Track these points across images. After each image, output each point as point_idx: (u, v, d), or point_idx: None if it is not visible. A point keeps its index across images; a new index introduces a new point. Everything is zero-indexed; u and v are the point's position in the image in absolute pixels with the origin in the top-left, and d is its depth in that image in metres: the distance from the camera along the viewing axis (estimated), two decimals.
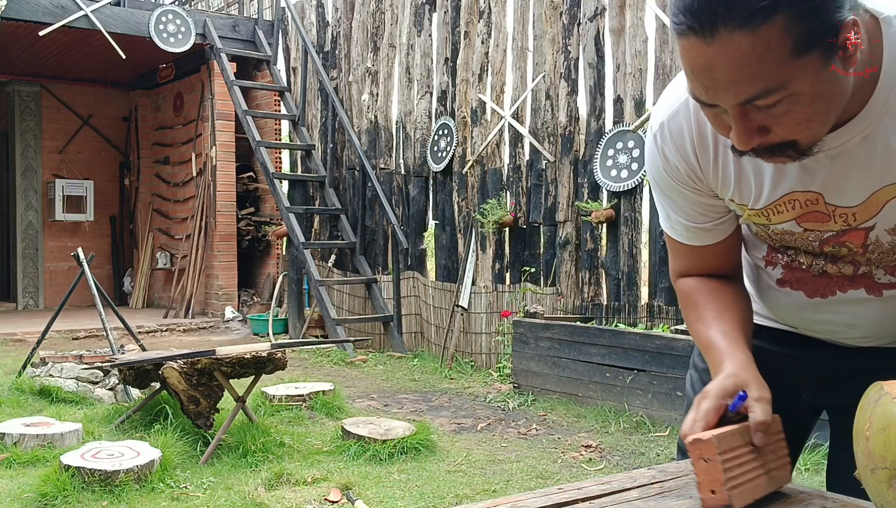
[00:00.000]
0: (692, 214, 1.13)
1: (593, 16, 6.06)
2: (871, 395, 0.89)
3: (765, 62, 0.83)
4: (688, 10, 0.84)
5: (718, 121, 0.93)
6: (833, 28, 0.84)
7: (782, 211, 1.07)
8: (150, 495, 3.28)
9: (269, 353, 3.99)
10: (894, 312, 1.12)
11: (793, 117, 0.88)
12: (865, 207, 1.02)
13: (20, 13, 7.94)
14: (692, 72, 0.88)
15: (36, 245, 10.72)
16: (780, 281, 1.18)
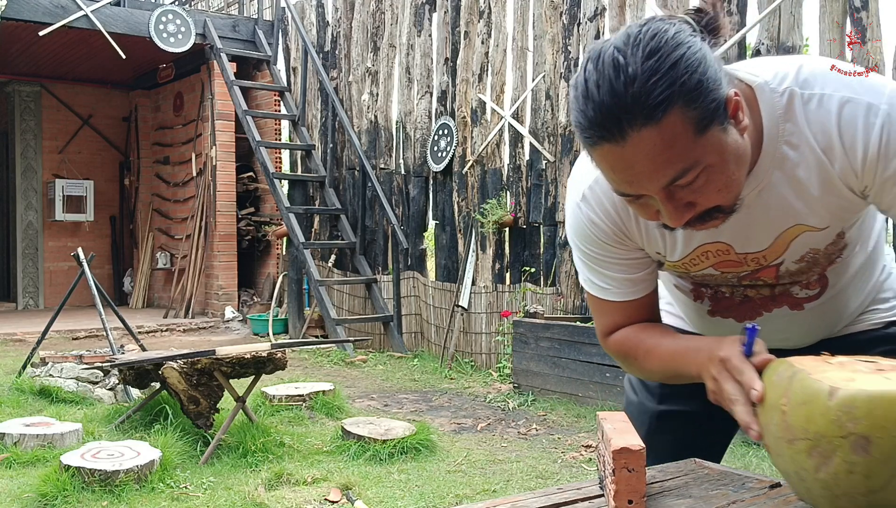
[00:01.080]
0: (622, 267, 1.21)
1: (593, 16, 6.07)
2: (782, 371, 0.96)
3: (675, 147, 0.93)
4: (594, 124, 0.94)
5: (646, 209, 1.03)
6: (720, 104, 0.95)
7: (698, 263, 1.19)
8: (150, 495, 3.28)
9: (269, 353, 3.99)
10: (818, 320, 1.25)
11: (712, 187, 0.98)
12: (773, 249, 1.14)
13: (20, 13, 7.94)
14: (614, 173, 0.98)
15: (36, 245, 10.72)
16: (710, 312, 1.29)
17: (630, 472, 0.95)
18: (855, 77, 1.05)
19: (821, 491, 0.91)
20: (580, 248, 1.23)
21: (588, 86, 0.94)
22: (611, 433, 1.02)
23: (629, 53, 0.92)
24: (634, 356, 1.24)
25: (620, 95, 0.91)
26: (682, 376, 1.17)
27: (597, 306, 1.28)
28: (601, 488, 1.09)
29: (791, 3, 5.01)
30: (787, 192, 1.08)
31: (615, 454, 0.95)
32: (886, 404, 0.85)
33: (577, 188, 1.19)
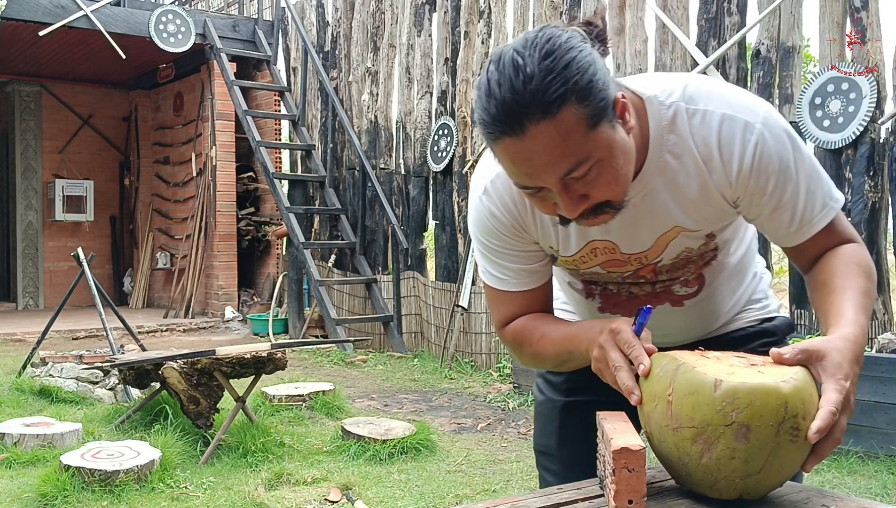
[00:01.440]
0: (519, 259, 1.29)
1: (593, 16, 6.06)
2: (666, 364, 1.02)
3: (569, 140, 1.01)
4: (496, 120, 1.02)
5: (544, 203, 1.11)
6: (609, 104, 1.04)
7: (587, 260, 1.29)
8: (150, 495, 3.28)
9: (269, 353, 3.99)
10: (697, 316, 1.37)
11: (603, 180, 1.06)
12: (654, 249, 1.25)
13: (20, 13, 7.94)
14: (514, 166, 1.06)
15: (36, 245, 10.72)
16: (600, 309, 1.39)
17: (630, 472, 0.95)
18: (735, 95, 1.14)
19: (702, 476, 0.98)
20: (480, 240, 1.29)
21: (490, 85, 1.02)
22: (611, 432, 1.02)
23: (527, 55, 1.01)
24: (529, 341, 1.31)
25: (520, 92, 0.99)
26: (574, 355, 1.22)
27: (494, 297, 1.34)
28: (601, 488, 1.09)
29: (791, 3, 5.01)
30: (667, 197, 1.18)
31: (615, 454, 0.96)
32: (764, 395, 0.94)
33: (480, 182, 1.26)
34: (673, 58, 5.59)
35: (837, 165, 4.71)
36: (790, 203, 1.16)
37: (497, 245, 1.28)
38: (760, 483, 0.99)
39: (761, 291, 1.46)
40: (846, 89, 4.61)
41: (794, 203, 1.16)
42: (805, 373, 0.99)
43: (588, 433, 1.29)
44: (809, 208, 1.17)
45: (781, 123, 1.15)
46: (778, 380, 0.96)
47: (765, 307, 1.46)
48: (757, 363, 1.02)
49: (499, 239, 1.27)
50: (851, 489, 3.28)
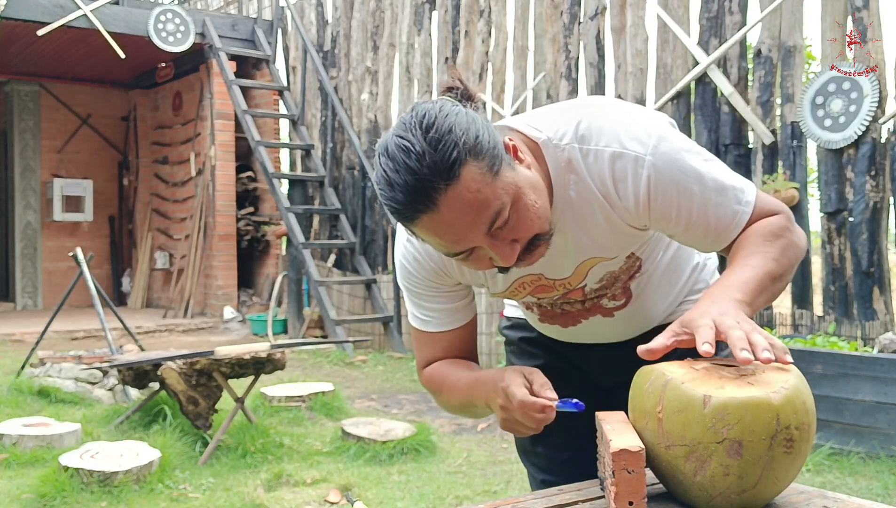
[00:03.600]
0: (442, 299, 1.34)
1: (594, 15, 6.05)
2: (654, 380, 1.02)
3: (481, 194, 1.05)
4: (406, 204, 1.05)
5: (479, 261, 1.13)
6: (500, 149, 1.09)
7: (517, 292, 1.35)
8: (149, 496, 3.27)
9: (269, 353, 3.98)
10: (627, 323, 1.43)
11: (524, 219, 1.10)
12: (575, 276, 1.31)
13: (19, 12, 7.93)
14: (439, 238, 1.09)
15: (34, 245, 10.70)
16: (540, 319, 1.46)
17: (630, 473, 0.95)
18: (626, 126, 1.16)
19: (698, 493, 0.98)
20: (405, 284, 1.34)
21: (388, 175, 1.05)
22: (610, 433, 1.01)
23: (410, 136, 1.05)
24: (440, 390, 1.36)
25: (417, 170, 1.03)
26: (475, 407, 1.29)
27: (419, 339, 1.40)
28: (602, 489, 1.08)
29: (792, 3, 5.00)
30: (578, 231, 1.23)
31: (614, 455, 0.95)
32: (755, 409, 0.93)
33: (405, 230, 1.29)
34: (674, 57, 5.58)
35: (839, 165, 4.70)
36: (701, 220, 1.18)
37: (421, 288, 1.33)
38: (757, 497, 0.98)
39: (703, 280, 1.47)
40: (847, 89, 4.60)
41: (704, 220, 1.18)
42: (797, 380, 0.98)
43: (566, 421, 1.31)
44: (721, 219, 1.19)
45: (674, 146, 1.16)
46: (768, 392, 0.94)
47: None
48: (747, 373, 1.01)
49: (422, 282, 1.32)
50: (853, 489, 3.27)
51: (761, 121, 5.11)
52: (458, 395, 1.32)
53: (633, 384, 1.07)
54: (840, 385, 3.72)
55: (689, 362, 1.07)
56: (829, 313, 4.74)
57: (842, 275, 4.70)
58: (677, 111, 5.56)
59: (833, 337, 4.44)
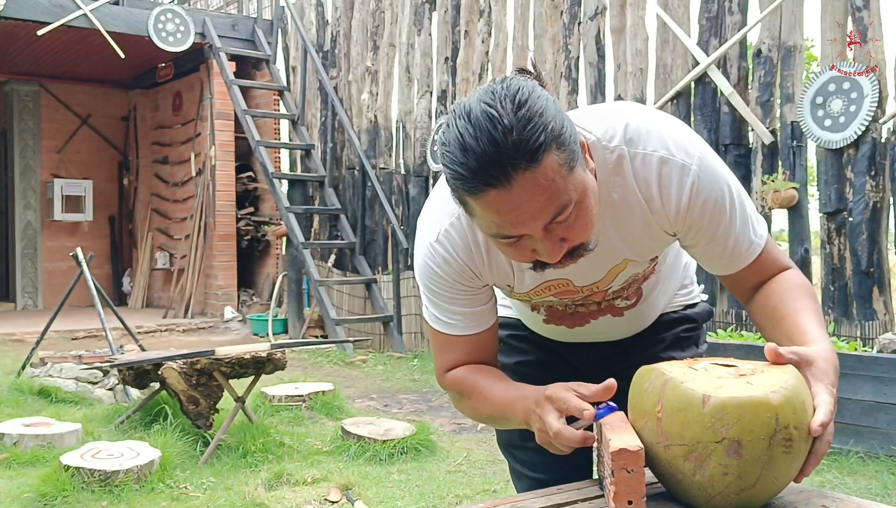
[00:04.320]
0: (467, 302, 1.31)
1: (594, 15, 6.06)
2: (653, 379, 1.02)
3: (554, 185, 1.03)
4: (478, 173, 1.02)
5: (522, 251, 1.12)
6: (578, 149, 1.08)
7: (541, 294, 1.34)
8: (150, 495, 3.27)
9: (269, 353, 3.99)
10: (633, 321, 1.46)
11: (581, 222, 1.09)
12: (604, 280, 1.32)
13: (19, 12, 7.93)
14: (499, 217, 1.06)
15: (35, 245, 10.70)
16: (545, 320, 1.45)
17: (629, 473, 0.95)
18: (672, 135, 1.19)
19: (697, 492, 0.98)
20: (429, 286, 1.30)
21: (465, 140, 1.02)
22: (609, 433, 1.01)
23: (499, 107, 1.01)
24: (469, 395, 1.33)
25: (501, 143, 1.00)
26: (509, 421, 1.27)
27: (441, 342, 1.36)
28: (601, 488, 1.09)
29: (792, 3, 5.00)
30: (615, 235, 1.24)
31: (614, 455, 0.95)
32: (753, 409, 0.93)
33: (433, 229, 1.27)
34: (674, 57, 5.58)
35: (839, 165, 4.71)
36: (722, 238, 1.23)
37: (447, 291, 1.29)
38: (756, 497, 0.98)
39: (688, 277, 1.55)
40: (847, 89, 4.60)
41: (725, 239, 1.23)
42: (795, 381, 0.99)
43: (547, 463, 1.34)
44: (739, 244, 1.24)
45: (715, 164, 1.20)
46: (767, 391, 0.95)
47: (689, 293, 1.56)
48: (746, 373, 1.02)
49: (450, 285, 1.28)
50: (852, 489, 3.27)
51: (761, 121, 5.11)
52: (490, 407, 1.30)
53: (633, 384, 1.07)
54: (839, 385, 3.72)
55: (689, 362, 1.08)
56: (828, 313, 4.75)
57: (841, 275, 4.71)
58: (677, 111, 5.57)
59: (832, 337, 4.45)
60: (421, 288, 1.33)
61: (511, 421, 1.26)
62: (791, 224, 5.00)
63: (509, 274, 1.29)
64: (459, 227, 1.24)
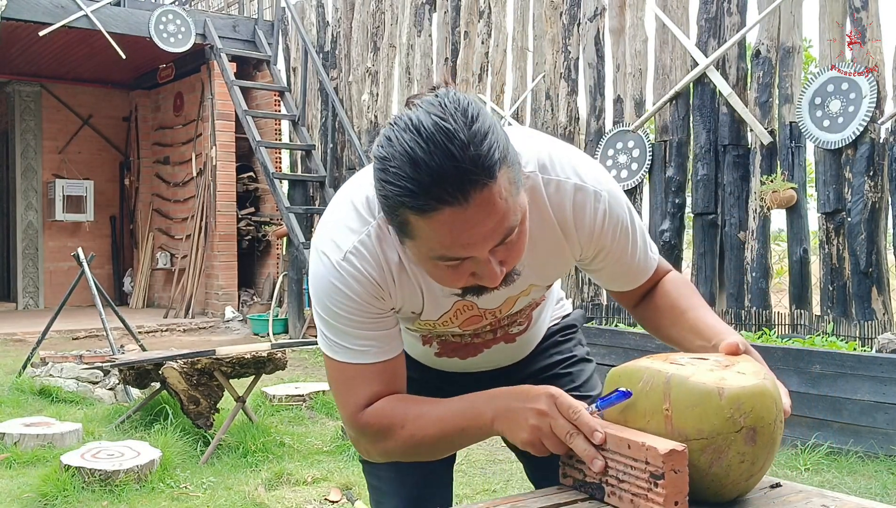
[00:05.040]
0: (378, 324, 1.20)
1: (593, 16, 6.07)
2: (649, 378, 1.01)
3: (507, 204, 1.00)
4: (432, 190, 0.95)
5: (459, 275, 1.06)
6: (520, 169, 1.06)
7: (448, 323, 1.28)
8: (150, 495, 3.28)
9: (269, 353, 3.99)
10: (524, 346, 1.46)
11: (519, 246, 1.07)
12: (504, 306, 1.30)
13: (20, 13, 7.94)
14: (451, 237, 0.99)
15: (36, 245, 10.72)
16: (437, 354, 1.41)
17: (676, 473, 0.93)
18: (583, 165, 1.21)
19: (710, 484, 0.98)
20: (334, 310, 1.17)
21: (416, 154, 0.95)
22: (636, 437, 0.98)
23: (452, 121, 0.96)
24: (402, 424, 1.18)
25: (459, 157, 0.94)
26: (467, 431, 1.15)
27: (351, 376, 1.21)
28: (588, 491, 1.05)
29: (791, 3, 5.01)
30: (527, 258, 1.18)
31: (665, 457, 0.92)
32: (761, 396, 0.97)
33: (339, 245, 1.16)
34: (673, 58, 5.59)
35: (837, 165, 4.71)
36: (629, 259, 1.28)
37: (356, 314, 1.17)
38: (757, 478, 1.01)
39: (560, 292, 1.61)
40: (846, 89, 4.61)
41: (631, 259, 1.28)
42: (766, 368, 1.05)
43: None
44: (641, 263, 1.30)
45: (619, 191, 1.25)
46: (762, 379, 0.99)
47: (562, 307, 1.59)
48: (730, 364, 1.04)
49: (359, 308, 1.17)
50: (851, 489, 3.28)
51: (760, 121, 5.12)
52: (437, 425, 1.16)
53: (614, 388, 1.05)
54: (838, 385, 3.73)
55: (664, 357, 1.07)
56: (827, 313, 4.76)
57: (840, 275, 4.72)
58: (676, 112, 5.58)
59: (831, 337, 4.45)
60: (320, 314, 1.19)
61: (468, 430, 1.15)
62: (790, 224, 5.00)
63: (418, 299, 1.22)
64: (369, 244, 1.15)
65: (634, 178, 5.71)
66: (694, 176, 5.47)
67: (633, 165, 5.74)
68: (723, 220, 5.31)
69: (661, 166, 5.65)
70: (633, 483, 0.97)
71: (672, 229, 5.57)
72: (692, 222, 5.59)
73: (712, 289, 5.37)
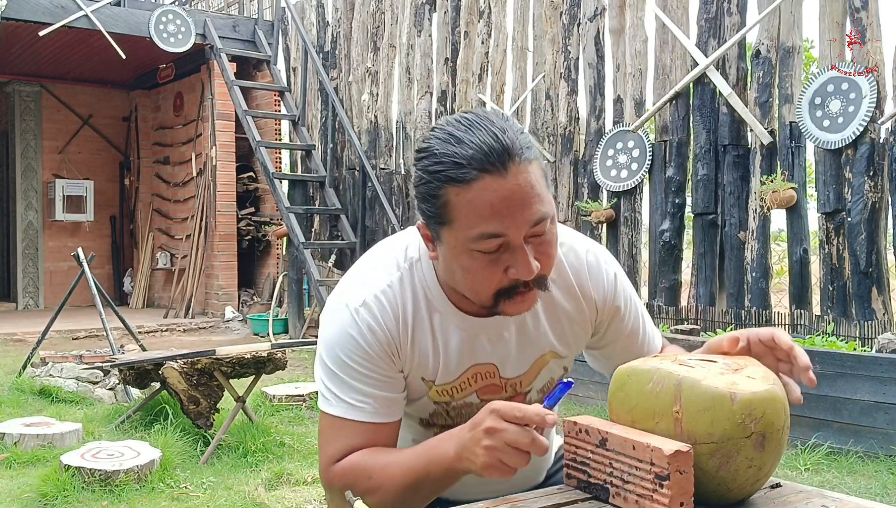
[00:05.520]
0: (383, 385, 1.17)
1: (593, 16, 6.07)
2: (660, 379, 1.01)
3: (541, 187, 1.07)
4: (475, 159, 1.02)
5: (494, 268, 1.08)
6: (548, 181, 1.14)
7: (464, 388, 1.24)
8: (150, 495, 3.28)
9: (269, 353, 3.99)
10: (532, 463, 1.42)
11: (552, 246, 1.11)
12: (528, 374, 1.27)
13: (20, 13, 7.94)
14: (492, 207, 1.04)
15: (36, 245, 10.72)
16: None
17: (682, 474, 0.93)
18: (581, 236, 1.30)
19: (716, 487, 0.98)
20: (341, 359, 1.16)
21: (458, 135, 1.04)
22: (640, 438, 0.98)
23: (488, 117, 1.06)
24: (369, 476, 1.12)
25: (500, 136, 1.04)
26: (431, 472, 1.10)
27: (338, 429, 1.16)
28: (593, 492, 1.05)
29: (791, 3, 5.01)
30: (545, 320, 1.25)
31: (671, 458, 0.93)
32: (772, 402, 0.97)
33: (358, 294, 1.17)
34: (673, 58, 5.59)
35: (837, 166, 4.71)
36: (641, 326, 1.34)
37: (363, 366, 1.15)
38: (760, 484, 1.00)
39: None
40: (846, 89, 4.61)
41: (642, 325, 1.35)
42: (773, 373, 1.05)
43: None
44: (650, 332, 1.37)
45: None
46: (773, 385, 0.99)
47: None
48: (739, 369, 1.03)
49: (368, 359, 1.15)
50: (851, 489, 3.28)
51: (760, 121, 5.12)
52: (402, 473, 1.11)
53: (622, 387, 1.05)
54: (838, 385, 3.73)
55: (670, 357, 1.07)
56: (827, 313, 4.76)
57: (840, 275, 4.72)
58: (676, 112, 5.58)
59: (831, 337, 4.45)
60: (328, 365, 1.17)
61: (434, 475, 1.10)
62: (790, 224, 5.00)
63: (429, 358, 1.19)
64: (391, 294, 1.17)
65: (634, 178, 5.71)
66: (694, 176, 5.48)
67: (633, 165, 5.74)
68: (723, 220, 5.31)
69: (661, 166, 5.65)
70: (639, 483, 0.97)
71: (672, 229, 5.58)
72: (692, 222, 5.59)
73: (712, 289, 5.37)
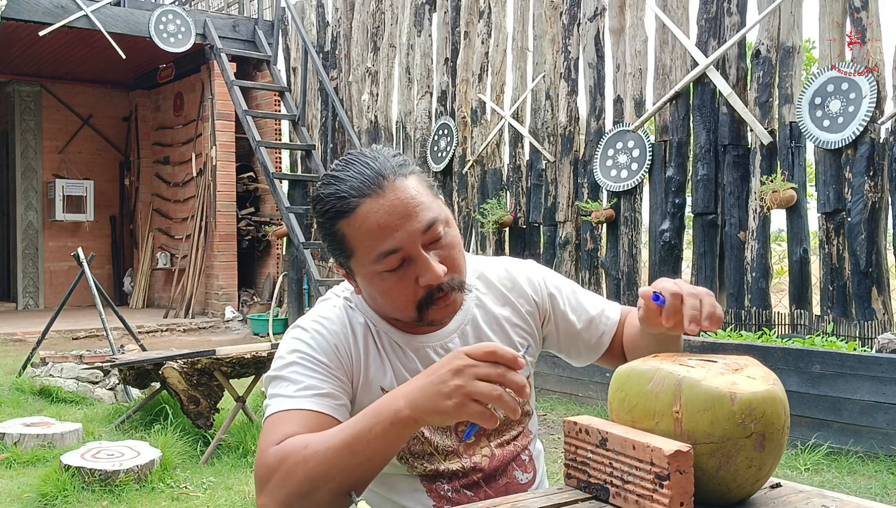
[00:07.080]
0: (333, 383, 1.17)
1: (593, 16, 6.07)
2: (661, 379, 1.00)
3: (422, 196, 1.15)
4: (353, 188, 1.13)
5: (406, 282, 1.14)
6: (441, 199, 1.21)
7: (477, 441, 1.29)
8: (150, 495, 3.28)
9: (270, 353, 3.99)
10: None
11: (455, 248, 1.17)
12: None
13: (20, 13, 7.94)
14: (378, 225, 1.12)
15: (36, 245, 10.72)
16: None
17: (682, 474, 0.93)
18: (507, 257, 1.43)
19: (716, 487, 0.98)
20: (286, 361, 1.17)
21: (338, 174, 1.16)
22: (640, 438, 0.98)
23: (363, 152, 1.19)
24: (304, 445, 1.05)
25: (371, 163, 1.15)
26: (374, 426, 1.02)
27: (279, 420, 1.12)
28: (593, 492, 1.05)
29: (791, 3, 5.01)
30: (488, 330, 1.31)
31: (671, 458, 0.92)
32: (772, 402, 0.97)
33: (308, 319, 1.25)
34: (673, 58, 5.59)
35: (837, 165, 4.71)
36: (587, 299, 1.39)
37: (306, 360, 1.17)
38: (760, 484, 1.00)
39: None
40: (846, 89, 4.61)
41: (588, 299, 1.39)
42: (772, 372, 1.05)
43: None
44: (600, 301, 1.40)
45: None
46: (772, 386, 0.99)
47: None
48: (739, 368, 1.03)
49: (313, 352, 1.18)
50: (851, 489, 3.28)
51: (760, 121, 5.12)
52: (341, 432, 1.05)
53: (623, 386, 1.05)
54: (838, 385, 3.73)
55: (670, 357, 1.07)
56: (827, 313, 4.76)
57: (840, 275, 4.72)
58: (676, 112, 5.58)
59: (831, 337, 4.45)
60: (278, 374, 1.17)
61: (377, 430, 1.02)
62: (790, 224, 5.00)
63: (384, 369, 1.22)
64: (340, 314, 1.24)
65: (634, 178, 5.71)
66: (694, 176, 5.48)
67: (633, 165, 5.74)
68: (723, 220, 5.31)
69: (661, 166, 5.65)
70: (638, 483, 0.97)
71: (672, 229, 5.58)
72: (692, 222, 5.59)
73: (712, 289, 5.37)
